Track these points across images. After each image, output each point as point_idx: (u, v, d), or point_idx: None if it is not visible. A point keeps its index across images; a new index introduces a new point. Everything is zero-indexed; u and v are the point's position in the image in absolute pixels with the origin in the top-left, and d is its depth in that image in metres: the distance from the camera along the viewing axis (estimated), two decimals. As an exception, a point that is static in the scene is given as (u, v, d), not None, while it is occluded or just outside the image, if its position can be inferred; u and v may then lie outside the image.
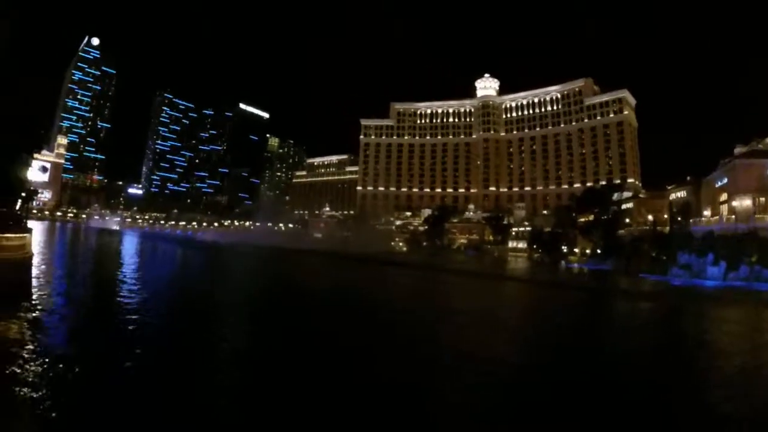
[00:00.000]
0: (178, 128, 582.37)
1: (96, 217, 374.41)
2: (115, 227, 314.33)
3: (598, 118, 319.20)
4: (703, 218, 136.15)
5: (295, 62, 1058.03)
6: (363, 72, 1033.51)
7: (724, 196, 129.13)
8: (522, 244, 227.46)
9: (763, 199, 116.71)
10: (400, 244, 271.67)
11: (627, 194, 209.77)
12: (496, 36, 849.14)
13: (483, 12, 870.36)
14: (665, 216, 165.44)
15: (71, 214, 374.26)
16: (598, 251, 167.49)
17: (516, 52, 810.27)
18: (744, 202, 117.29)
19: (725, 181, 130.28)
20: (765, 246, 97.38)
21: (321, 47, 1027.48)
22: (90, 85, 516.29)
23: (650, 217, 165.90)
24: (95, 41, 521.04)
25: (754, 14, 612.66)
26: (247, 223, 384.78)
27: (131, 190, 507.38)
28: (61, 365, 23.55)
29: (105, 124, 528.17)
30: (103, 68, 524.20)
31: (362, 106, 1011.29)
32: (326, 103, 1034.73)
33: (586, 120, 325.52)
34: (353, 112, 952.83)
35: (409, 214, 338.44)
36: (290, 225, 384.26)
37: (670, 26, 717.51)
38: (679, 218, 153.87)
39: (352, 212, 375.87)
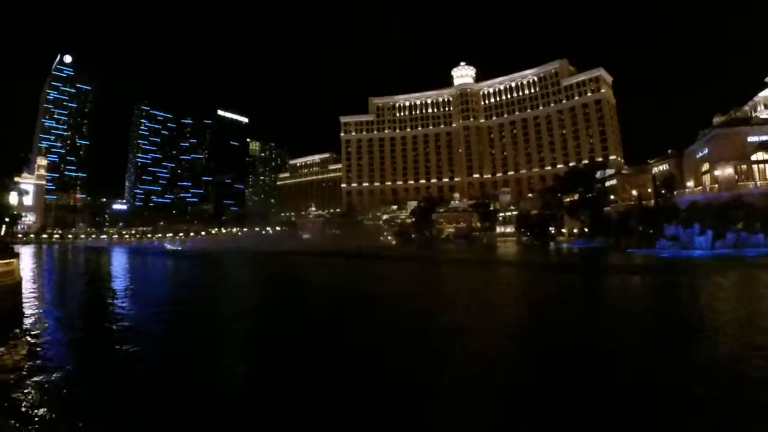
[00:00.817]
0: (158, 140, 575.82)
1: (82, 236, 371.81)
2: (103, 245, 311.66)
3: (576, 98, 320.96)
4: (686, 189, 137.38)
5: (270, 63, 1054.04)
6: (339, 68, 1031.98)
7: (706, 167, 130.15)
8: (510, 229, 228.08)
9: (744, 167, 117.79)
10: (389, 238, 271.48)
11: (610, 171, 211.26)
12: (469, 23, 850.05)
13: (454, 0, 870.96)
14: (649, 190, 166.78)
15: (57, 236, 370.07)
16: (586, 230, 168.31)
17: (490, 39, 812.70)
18: (726, 171, 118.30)
19: (706, 151, 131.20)
20: (750, 212, 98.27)
21: (295, 46, 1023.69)
22: (66, 103, 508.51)
23: (635, 193, 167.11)
24: (68, 59, 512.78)
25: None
26: (235, 230, 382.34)
27: (116, 206, 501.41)
28: (53, 392, 23.16)
29: (84, 141, 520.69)
30: (78, 85, 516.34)
31: (341, 102, 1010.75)
32: (305, 102, 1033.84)
33: (564, 101, 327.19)
34: (332, 110, 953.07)
35: (395, 207, 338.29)
36: (278, 228, 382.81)
37: (641, 1, 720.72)
38: (663, 191, 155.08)
39: (338, 210, 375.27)
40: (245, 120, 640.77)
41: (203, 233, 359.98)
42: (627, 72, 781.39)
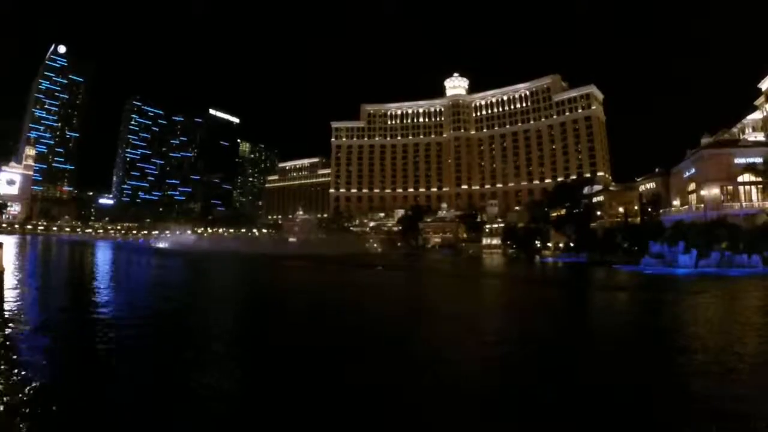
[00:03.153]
0: (148, 135, 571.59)
1: (67, 229, 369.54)
2: (87, 239, 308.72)
3: (567, 113, 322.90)
4: (672, 208, 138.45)
5: (264, 65, 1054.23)
6: (333, 74, 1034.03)
7: (692, 186, 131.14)
8: (496, 241, 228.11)
9: (730, 188, 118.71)
10: (375, 245, 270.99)
11: (597, 188, 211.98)
12: (464, 35, 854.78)
13: (450, 11, 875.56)
14: (636, 207, 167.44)
15: (42, 227, 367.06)
16: (572, 245, 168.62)
17: (484, 51, 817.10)
18: (712, 191, 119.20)
19: (693, 171, 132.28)
20: (734, 232, 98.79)
21: (290, 49, 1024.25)
22: (58, 94, 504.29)
23: (621, 209, 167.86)
24: (62, 49, 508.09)
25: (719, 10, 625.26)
26: (221, 230, 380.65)
27: (102, 200, 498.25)
28: (34, 385, 22.45)
29: (74, 134, 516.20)
30: (71, 77, 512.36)
31: (333, 108, 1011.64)
32: (296, 105, 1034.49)
33: (555, 116, 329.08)
34: (324, 115, 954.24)
35: (382, 215, 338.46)
36: (264, 230, 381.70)
37: (636, 21, 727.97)
38: (650, 209, 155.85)
39: (325, 215, 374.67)
40: (236, 120, 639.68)
41: (188, 232, 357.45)
42: (618, 90, 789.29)
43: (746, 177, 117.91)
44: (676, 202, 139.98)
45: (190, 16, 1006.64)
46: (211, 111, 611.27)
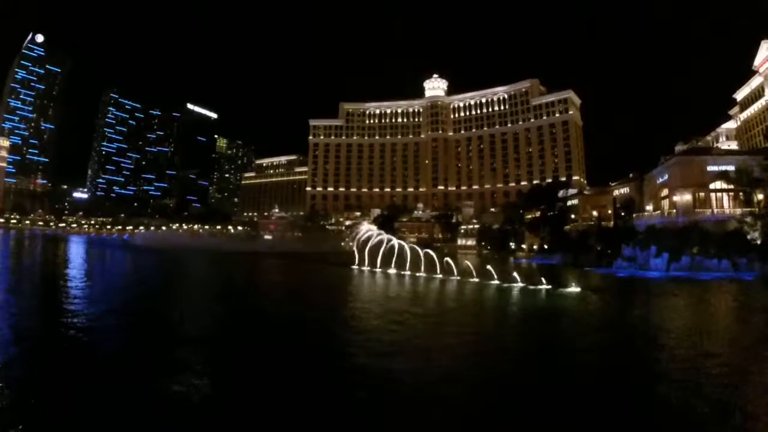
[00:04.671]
0: (125, 129, 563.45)
1: (40, 223, 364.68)
2: (60, 234, 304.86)
3: (545, 117, 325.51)
4: (645, 213, 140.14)
5: (243, 60, 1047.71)
6: (313, 71, 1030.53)
7: (665, 192, 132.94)
8: (471, 242, 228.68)
9: (702, 194, 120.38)
10: (351, 243, 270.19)
11: (572, 191, 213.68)
12: (444, 38, 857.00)
13: (431, 13, 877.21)
14: (609, 211, 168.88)
15: (14, 221, 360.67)
16: (546, 246, 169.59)
17: (464, 54, 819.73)
18: (684, 197, 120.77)
19: (666, 177, 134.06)
20: (705, 238, 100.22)
21: (269, 46, 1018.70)
22: (34, 84, 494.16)
23: (595, 213, 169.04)
24: (39, 38, 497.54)
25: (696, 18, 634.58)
26: (196, 226, 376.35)
27: (76, 194, 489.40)
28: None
29: (49, 125, 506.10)
30: (48, 67, 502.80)
31: (311, 105, 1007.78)
32: (275, 102, 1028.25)
33: (532, 119, 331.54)
34: (302, 112, 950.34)
35: (358, 213, 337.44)
36: (240, 227, 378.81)
37: (614, 29, 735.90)
38: (623, 213, 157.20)
39: (301, 213, 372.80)
40: (214, 116, 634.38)
41: (163, 228, 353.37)
42: (595, 96, 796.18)
43: (718, 184, 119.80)
44: (649, 207, 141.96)
45: (169, 8, 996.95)
46: (189, 106, 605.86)
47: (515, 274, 75.97)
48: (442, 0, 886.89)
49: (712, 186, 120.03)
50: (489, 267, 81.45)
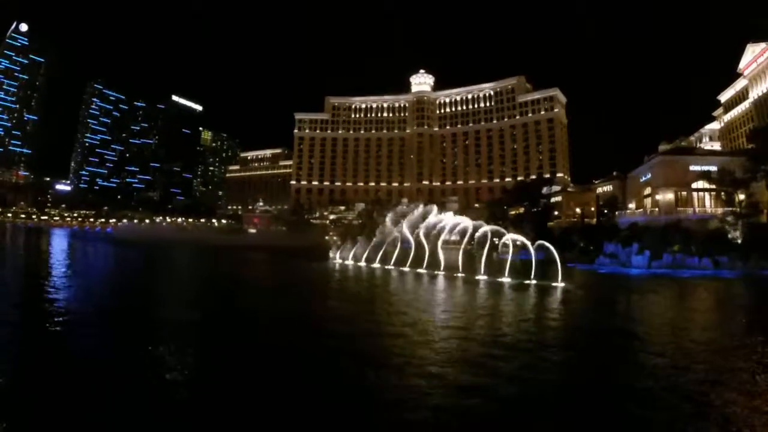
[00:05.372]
0: (109, 120, 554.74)
1: (23, 216, 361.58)
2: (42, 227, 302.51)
3: (530, 115, 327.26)
4: (628, 210, 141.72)
5: (229, 53, 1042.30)
6: (299, 64, 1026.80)
7: (648, 190, 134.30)
8: (455, 237, 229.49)
9: (684, 193, 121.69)
10: (335, 238, 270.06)
11: (556, 188, 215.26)
12: (431, 33, 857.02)
13: (420, 9, 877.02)
14: (593, 209, 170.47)
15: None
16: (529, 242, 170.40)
17: (451, 51, 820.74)
18: (667, 196, 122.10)
19: (649, 176, 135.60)
20: (687, 236, 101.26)
21: (256, 38, 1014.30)
22: (17, 74, 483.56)
23: (578, 210, 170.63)
24: (23, 27, 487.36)
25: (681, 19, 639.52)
26: (180, 220, 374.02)
27: (59, 187, 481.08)
28: None
29: (32, 116, 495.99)
30: (32, 56, 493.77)
31: (297, 99, 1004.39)
32: (260, 95, 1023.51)
33: (518, 117, 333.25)
34: (288, 105, 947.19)
35: (343, 208, 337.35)
36: (224, 221, 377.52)
37: (601, 28, 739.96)
38: (606, 211, 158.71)
39: (286, 207, 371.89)
40: (199, 108, 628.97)
41: (147, 221, 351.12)
42: (581, 95, 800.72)
43: (701, 184, 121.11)
44: (632, 205, 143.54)
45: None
46: (174, 97, 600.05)
47: (500, 269, 76.54)
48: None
49: (694, 185, 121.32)
50: (474, 262, 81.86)
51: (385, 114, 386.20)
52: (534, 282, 67.80)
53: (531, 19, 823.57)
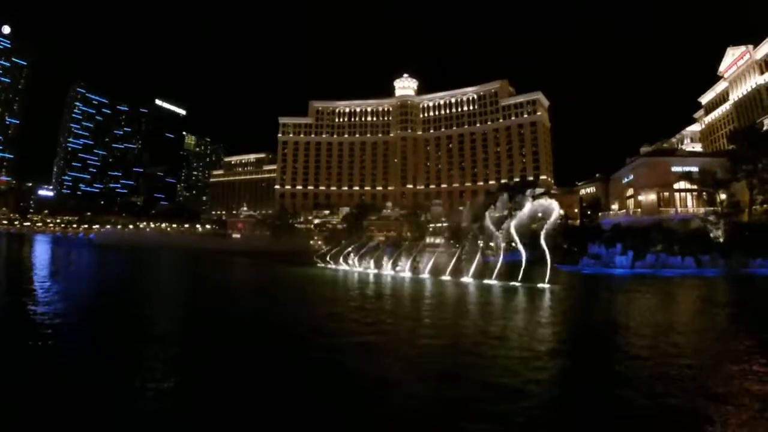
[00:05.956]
0: (92, 125, 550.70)
1: (5, 222, 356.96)
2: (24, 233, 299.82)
3: (513, 118, 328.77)
4: (611, 212, 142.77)
5: (213, 56, 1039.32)
6: (283, 69, 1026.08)
7: (630, 192, 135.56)
8: (440, 240, 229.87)
9: (666, 194, 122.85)
10: (320, 242, 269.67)
11: (540, 190, 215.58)
12: (415, 37, 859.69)
13: (403, 13, 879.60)
14: (576, 210, 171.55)
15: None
16: (513, 244, 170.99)
17: (435, 54, 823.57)
18: (649, 197, 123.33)
19: (632, 177, 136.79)
20: (669, 236, 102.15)
21: (239, 42, 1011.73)
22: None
23: (562, 212, 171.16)
24: (6, 30, 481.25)
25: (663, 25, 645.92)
26: (164, 225, 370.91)
27: (42, 192, 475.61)
28: None
29: (14, 120, 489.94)
30: (14, 59, 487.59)
31: (281, 104, 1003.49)
32: (244, 100, 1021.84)
33: (501, 120, 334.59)
34: (272, 110, 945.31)
35: (327, 212, 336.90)
36: (208, 226, 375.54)
37: (584, 32, 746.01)
38: (589, 212, 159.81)
39: (270, 211, 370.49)
40: (183, 112, 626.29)
41: (131, 227, 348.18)
42: (564, 98, 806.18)
43: (682, 184, 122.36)
44: (615, 207, 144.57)
45: (138, 2, 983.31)
46: (157, 101, 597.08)
47: (485, 271, 76.97)
48: (414, 1, 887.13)
49: (676, 186, 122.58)
50: (459, 265, 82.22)
51: (369, 118, 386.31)
52: (520, 284, 68.03)
53: (514, 23, 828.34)
